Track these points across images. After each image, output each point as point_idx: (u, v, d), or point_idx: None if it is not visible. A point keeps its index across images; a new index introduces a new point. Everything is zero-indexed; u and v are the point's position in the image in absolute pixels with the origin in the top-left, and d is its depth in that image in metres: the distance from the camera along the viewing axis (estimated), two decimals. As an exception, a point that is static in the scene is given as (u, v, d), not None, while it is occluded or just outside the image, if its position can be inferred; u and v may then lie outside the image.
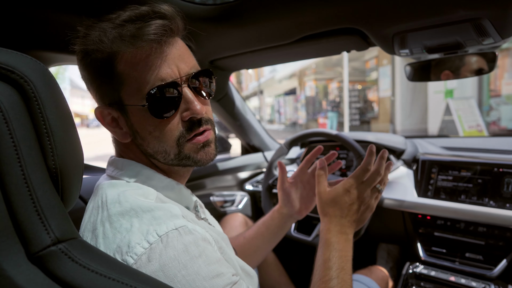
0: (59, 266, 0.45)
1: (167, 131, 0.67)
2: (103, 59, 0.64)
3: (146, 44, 0.63)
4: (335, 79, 14.88)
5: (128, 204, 0.60)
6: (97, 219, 0.62)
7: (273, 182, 1.63)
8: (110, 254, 0.56)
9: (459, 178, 1.40)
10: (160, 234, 0.56)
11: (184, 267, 0.55)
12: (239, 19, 1.07)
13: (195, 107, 0.67)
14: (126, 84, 0.65)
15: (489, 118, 7.63)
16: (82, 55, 0.66)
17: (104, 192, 0.65)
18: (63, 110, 0.52)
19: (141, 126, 0.68)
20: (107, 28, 0.63)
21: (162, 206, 0.61)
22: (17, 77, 0.47)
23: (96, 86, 0.69)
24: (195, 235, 0.59)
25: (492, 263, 1.27)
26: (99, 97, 0.70)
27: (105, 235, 0.58)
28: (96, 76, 0.67)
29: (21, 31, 0.94)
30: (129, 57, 0.64)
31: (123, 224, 0.58)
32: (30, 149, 0.47)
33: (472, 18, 0.91)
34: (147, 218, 0.58)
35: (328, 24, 1.07)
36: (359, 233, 1.36)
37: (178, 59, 0.67)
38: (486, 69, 1.15)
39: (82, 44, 0.65)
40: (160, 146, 0.68)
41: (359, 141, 1.65)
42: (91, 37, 0.64)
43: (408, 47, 1.14)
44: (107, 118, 0.70)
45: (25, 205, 0.45)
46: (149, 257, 0.54)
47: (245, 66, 1.69)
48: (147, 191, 0.66)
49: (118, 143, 0.75)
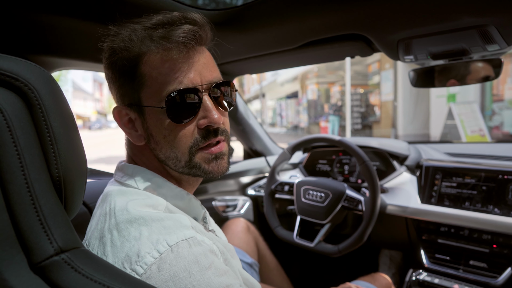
0: (62, 276, 0.44)
1: (181, 137, 0.67)
2: (129, 58, 0.65)
3: (174, 46, 0.64)
4: (337, 82, 14.88)
5: (137, 212, 0.60)
6: (104, 226, 0.62)
7: (276, 187, 1.63)
8: (119, 262, 0.55)
9: (463, 185, 1.39)
10: (170, 244, 0.56)
11: (195, 278, 0.55)
12: (243, 25, 1.07)
13: (212, 116, 0.66)
14: (147, 86, 0.66)
15: (492, 122, 7.60)
16: (110, 52, 0.67)
17: (113, 199, 0.65)
18: (67, 117, 0.52)
19: (156, 129, 0.68)
20: (138, 28, 0.65)
21: (171, 216, 0.61)
22: (21, 85, 0.47)
23: (118, 85, 0.69)
24: (204, 247, 0.59)
25: (497, 271, 1.26)
26: (119, 96, 0.70)
27: (113, 243, 0.58)
28: (119, 75, 0.68)
29: (25, 36, 0.94)
30: (155, 59, 0.65)
31: (131, 232, 0.58)
32: (34, 157, 0.46)
33: (478, 25, 0.90)
34: (156, 227, 0.58)
35: (333, 30, 1.07)
36: (362, 239, 1.35)
37: (202, 67, 0.68)
38: (492, 75, 1.15)
39: (112, 42, 0.67)
40: (172, 152, 0.68)
41: (362, 147, 1.64)
42: (121, 36, 0.66)
43: (412, 53, 1.14)
44: (124, 118, 0.71)
45: (28, 214, 0.45)
46: (159, 267, 0.54)
47: (249, 71, 1.69)
48: (156, 202, 0.65)
49: (131, 146, 0.75)
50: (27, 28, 0.90)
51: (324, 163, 1.85)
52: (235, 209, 1.92)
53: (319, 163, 1.87)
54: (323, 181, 1.54)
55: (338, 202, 1.43)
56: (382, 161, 1.67)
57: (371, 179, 1.37)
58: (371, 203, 1.36)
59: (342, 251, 1.37)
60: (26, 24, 0.88)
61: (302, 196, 1.55)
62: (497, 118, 7.57)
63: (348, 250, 1.37)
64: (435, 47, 1.08)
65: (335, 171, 1.81)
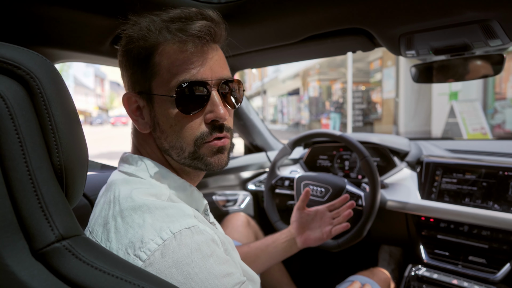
0: (63, 263, 0.45)
1: (187, 128, 0.69)
2: (145, 48, 0.68)
3: (190, 40, 0.66)
4: (338, 80, 14.84)
5: (141, 200, 0.61)
6: (108, 213, 0.63)
7: (276, 182, 1.63)
8: (122, 248, 0.56)
9: (464, 181, 1.39)
10: (173, 232, 0.57)
11: (197, 265, 0.56)
12: (244, 18, 1.07)
13: (219, 111, 0.68)
14: (159, 75, 0.68)
15: (494, 121, 7.58)
16: (127, 40, 0.70)
17: (117, 188, 0.66)
18: (68, 106, 0.52)
19: (163, 118, 0.69)
20: (156, 20, 0.68)
21: (174, 205, 0.62)
22: (23, 73, 0.47)
23: (131, 72, 0.71)
24: (206, 235, 0.60)
25: (496, 267, 1.26)
26: (130, 83, 0.72)
27: (117, 229, 0.59)
28: (133, 63, 0.70)
29: (27, 27, 0.94)
30: (170, 50, 0.67)
31: (135, 219, 0.59)
32: (35, 145, 0.47)
33: (480, 20, 0.90)
34: (160, 215, 0.59)
35: (334, 24, 1.06)
36: (362, 235, 1.35)
37: (214, 63, 0.70)
38: (493, 71, 1.14)
39: (130, 30, 0.69)
40: (177, 141, 0.70)
41: (363, 142, 1.64)
42: (140, 25, 0.68)
43: (414, 48, 1.13)
44: (133, 105, 0.72)
45: (30, 201, 0.45)
46: (162, 253, 0.55)
47: (250, 66, 1.69)
48: (159, 191, 0.66)
49: (137, 135, 0.76)
50: (28, 19, 0.90)
51: (324, 159, 1.86)
52: (236, 203, 1.92)
53: (320, 158, 1.87)
54: (324, 176, 1.54)
55: (338, 197, 1.43)
56: (382, 157, 1.67)
57: (372, 175, 1.37)
58: (371, 199, 1.36)
59: (342, 246, 1.38)
60: (28, 15, 0.88)
61: (303, 191, 1.55)
62: (499, 117, 7.55)
63: (348, 245, 1.37)
64: (437, 42, 1.08)
65: (335, 167, 1.81)
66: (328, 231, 1.23)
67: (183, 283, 0.54)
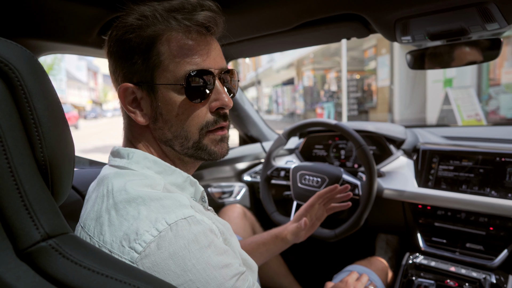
0: (49, 262, 0.43)
1: (194, 117, 0.69)
2: (147, 36, 0.66)
3: (195, 29, 0.67)
4: (333, 68, 14.79)
5: (135, 192, 0.60)
6: (101, 207, 0.61)
7: (272, 172, 1.62)
8: (117, 241, 0.55)
9: (461, 168, 1.39)
10: (169, 223, 0.56)
11: (194, 256, 0.55)
12: (237, 6, 1.04)
13: (224, 98, 0.70)
14: (163, 65, 0.67)
15: (488, 107, 7.60)
16: (125, 30, 0.67)
17: (110, 182, 0.64)
18: (51, 99, 0.50)
19: (168, 108, 0.69)
20: (159, 8, 0.67)
21: (170, 195, 0.61)
22: (1, 65, 0.45)
23: (129, 63, 0.68)
24: (203, 226, 0.59)
25: (493, 253, 1.27)
26: (127, 74, 0.70)
27: (110, 222, 0.58)
28: (132, 52, 0.67)
29: (8, 18, 0.91)
30: (174, 39, 0.67)
31: (129, 211, 0.57)
32: (17, 140, 0.45)
33: (478, 2, 0.87)
34: (155, 206, 0.58)
35: (328, 10, 1.04)
36: (359, 224, 1.35)
37: (216, 53, 0.71)
38: (490, 56, 1.13)
39: (127, 19, 0.67)
40: (182, 130, 0.70)
41: (358, 131, 1.63)
42: (144, 12, 0.66)
43: (410, 33, 1.11)
44: (129, 97, 0.70)
45: (13, 200, 0.43)
46: (158, 245, 0.54)
47: (243, 55, 1.66)
48: (154, 182, 0.65)
49: (131, 128, 0.74)
50: (10, 10, 0.87)
51: (320, 148, 1.84)
52: (231, 195, 1.91)
53: (315, 148, 1.86)
54: (320, 166, 1.53)
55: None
56: (378, 146, 1.66)
57: (368, 163, 1.36)
58: (368, 187, 1.35)
59: (339, 236, 1.37)
60: (9, 5, 0.85)
61: (299, 181, 1.54)
62: (493, 103, 7.57)
63: (345, 234, 1.37)
64: (433, 27, 1.06)
65: (331, 156, 1.80)
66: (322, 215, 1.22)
67: (180, 275, 0.53)
